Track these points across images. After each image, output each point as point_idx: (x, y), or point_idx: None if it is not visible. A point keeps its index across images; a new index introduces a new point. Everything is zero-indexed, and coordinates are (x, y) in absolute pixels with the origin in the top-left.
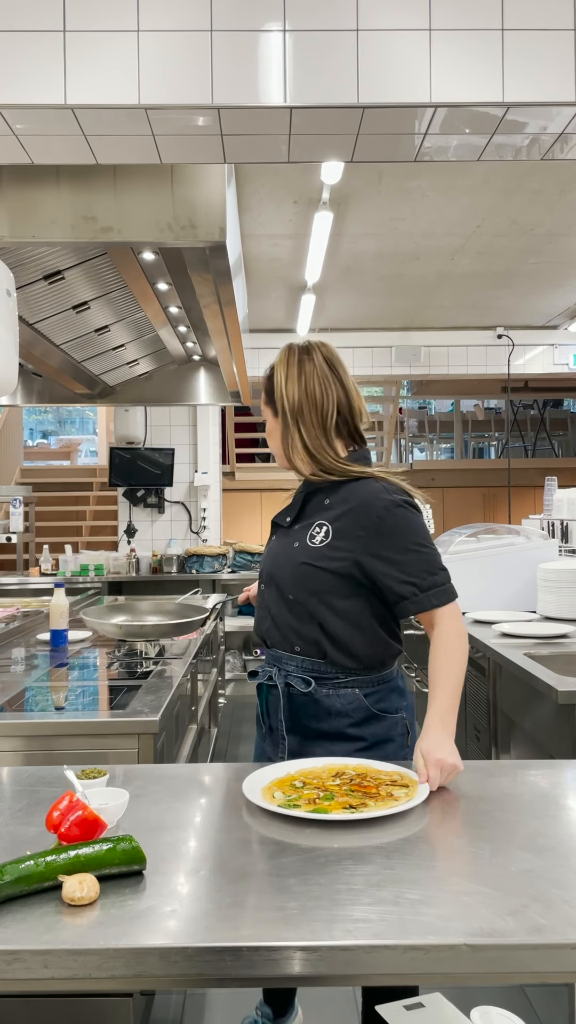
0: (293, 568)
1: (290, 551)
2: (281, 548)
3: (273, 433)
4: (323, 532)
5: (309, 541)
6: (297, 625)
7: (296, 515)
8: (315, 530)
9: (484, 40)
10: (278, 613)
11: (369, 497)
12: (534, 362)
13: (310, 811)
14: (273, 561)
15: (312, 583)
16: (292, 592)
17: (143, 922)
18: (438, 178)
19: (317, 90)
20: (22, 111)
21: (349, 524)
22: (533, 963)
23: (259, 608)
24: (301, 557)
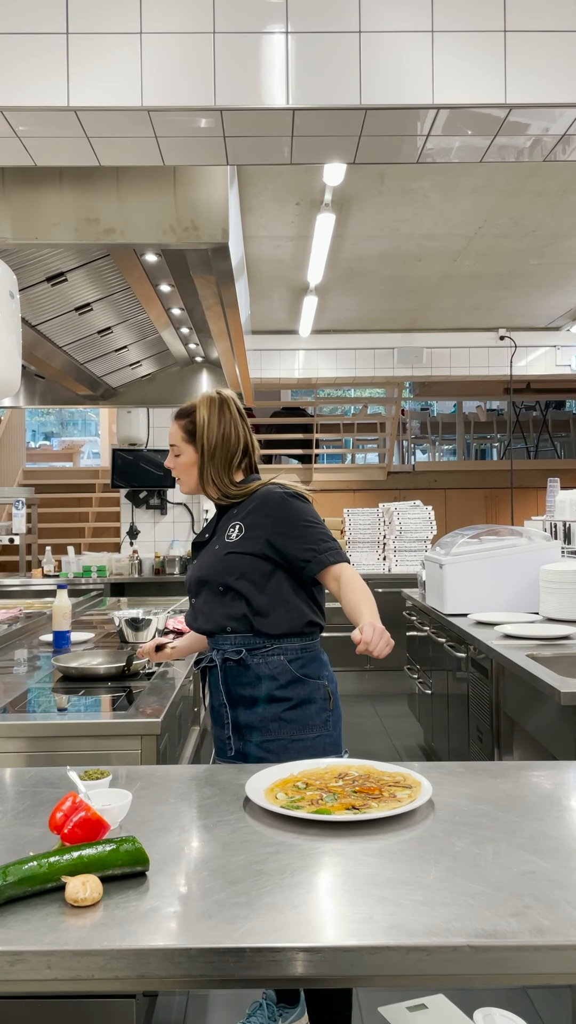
0: (218, 562)
1: (213, 553)
2: (205, 556)
3: (188, 466)
4: (236, 529)
5: (227, 539)
6: (227, 609)
7: (212, 532)
8: (230, 531)
9: (486, 42)
10: (210, 607)
11: (266, 495)
12: (536, 363)
13: (313, 812)
14: (199, 568)
15: (237, 567)
16: (221, 582)
17: (146, 923)
18: (440, 179)
19: (319, 92)
20: (25, 113)
21: (256, 518)
22: (536, 964)
23: (193, 615)
24: (224, 551)
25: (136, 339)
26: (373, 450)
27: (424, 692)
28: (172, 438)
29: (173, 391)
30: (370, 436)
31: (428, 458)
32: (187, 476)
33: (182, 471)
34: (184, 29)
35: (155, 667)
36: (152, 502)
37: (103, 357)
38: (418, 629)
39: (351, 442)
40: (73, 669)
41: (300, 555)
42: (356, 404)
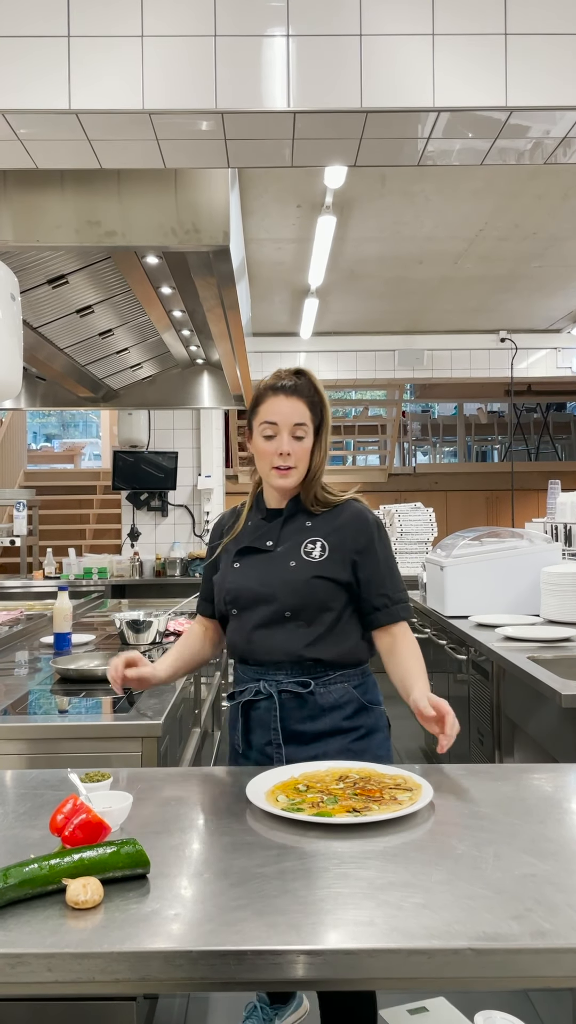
0: (298, 584)
1: (287, 569)
2: (270, 568)
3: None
4: (319, 547)
5: (306, 555)
6: (291, 638)
7: (276, 539)
8: (308, 547)
9: (487, 44)
10: (269, 631)
11: (359, 515)
12: (537, 365)
13: (314, 815)
14: (259, 581)
15: (320, 594)
16: (292, 607)
17: (147, 925)
18: (441, 182)
19: (320, 95)
20: (27, 116)
21: (343, 538)
22: (537, 967)
23: (238, 631)
24: (307, 572)
25: (137, 341)
26: (374, 452)
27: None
28: (294, 415)
29: (174, 393)
30: (371, 438)
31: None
32: (304, 464)
33: (303, 456)
34: (185, 32)
35: None
36: (153, 504)
37: (104, 359)
38: (419, 631)
39: (352, 444)
40: (73, 671)
41: (373, 600)
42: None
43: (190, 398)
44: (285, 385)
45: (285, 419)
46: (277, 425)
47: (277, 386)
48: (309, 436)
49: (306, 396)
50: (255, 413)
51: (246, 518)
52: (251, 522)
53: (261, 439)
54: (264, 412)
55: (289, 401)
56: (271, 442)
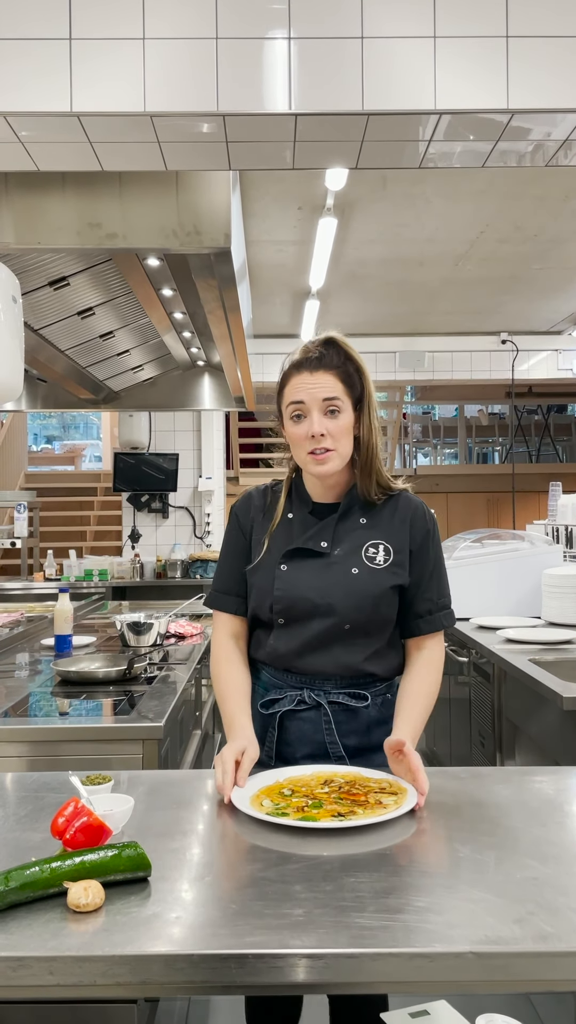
0: (363, 597)
1: (348, 578)
2: (327, 576)
3: (348, 430)
4: (382, 551)
5: (370, 563)
6: (351, 651)
7: (330, 540)
8: (370, 551)
9: (489, 47)
10: (323, 643)
11: (416, 509)
12: (538, 367)
13: (298, 819)
14: (318, 591)
15: (384, 607)
16: (354, 621)
17: (148, 929)
18: (442, 184)
19: (322, 97)
20: (28, 118)
21: (403, 537)
22: (539, 971)
23: (284, 642)
24: (372, 582)
25: (138, 343)
26: None
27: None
28: (322, 390)
29: (175, 395)
30: None
31: (430, 462)
32: (345, 445)
33: (341, 436)
34: (187, 34)
35: (156, 671)
36: (154, 506)
37: (105, 361)
38: None
39: None
40: (74, 673)
41: (417, 605)
42: None
43: (191, 400)
44: (310, 359)
45: (312, 396)
46: (304, 404)
47: (300, 361)
48: (347, 411)
49: (336, 367)
50: (281, 396)
51: (284, 509)
52: (293, 515)
53: (291, 423)
54: (289, 392)
55: (314, 376)
56: (301, 424)
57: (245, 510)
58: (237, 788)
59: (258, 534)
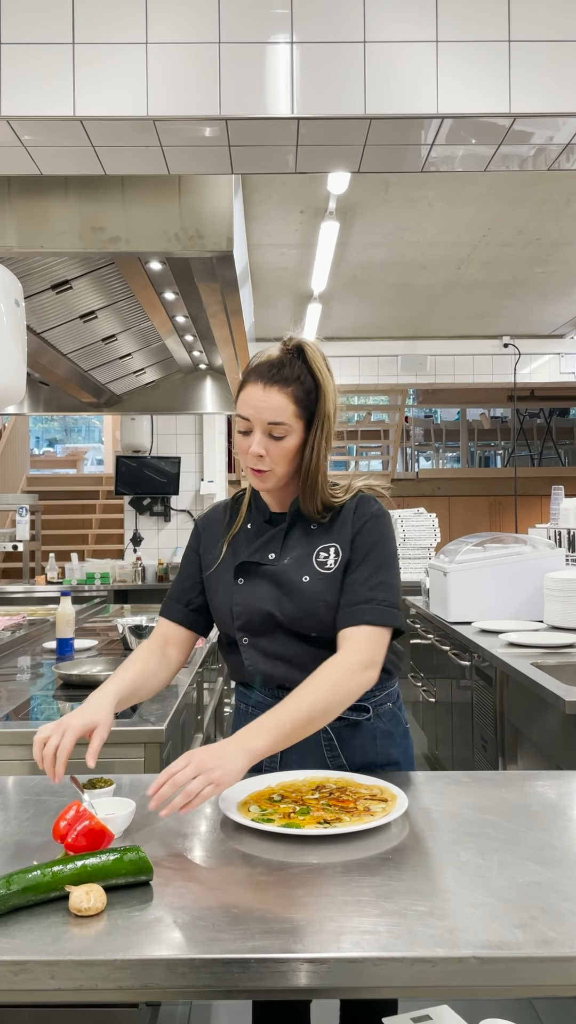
0: (315, 604)
1: (299, 587)
2: (280, 586)
3: (293, 454)
4: (333, 553)
5: (322, 568)
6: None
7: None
8: (321, 555)
9: (491, 51)
10: (296, 655)
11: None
12: (540, 371)
13: (282, 826)
14: (275, 603)
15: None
16: (318, 629)
17: (150, 933)
18: (445, 188)
19: (324, 101)
20: (31, 123)
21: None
22: (542, 976)
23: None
24: (322, 587)
25: (140, 346)
26: (377, 457)
27: (428, 700)
28: (268, 411)
29: (177, 398)
30: (374, 443)
31: (432, 465)
32: (285, 468)
33: (281, 461)
34: (189, 39)
35: None
36: (156, 509)
37: (107, 364)
38: (422, 637)
39: (355, 449)
40: (76, 676)
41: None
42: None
43: (193, 403)
44: (267, 371)
45: (257, 415)
46: (250, 421)
47: (256, 370)
48: (293, 435)
49: (293, 382)
50: (236, 401)
51: (245, 518)
52: (251, 525)
53: (237, 432)
54: (240, 402)
55: (266, 393)
56: (245, 439)
57: (204, 522)
58: (226, 792)
59: (212, 542)
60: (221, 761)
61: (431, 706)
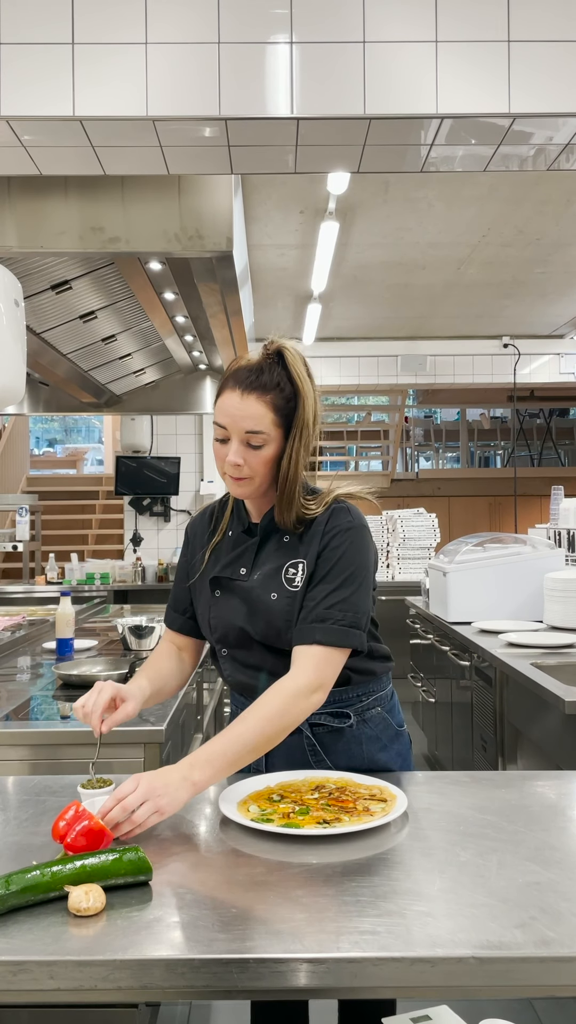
0: (281, 622)
1: (267, 605)
2: (250, 602)
3: (271, 462)
4: (300, 569)
5: (289, 585)
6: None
7: (251, 565)
8: (290, 571)
9: (490, 52)
10: (273, 668)
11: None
12: (540, 371)
13: (281, 826)
14: (246, 618)
15: None
16: (286, 643)
17: (149, 933)
18: (444, 188)
19: (324, 101)
20: (31, 123)
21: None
22: (541, 976)
23: (238, 670)
24: (289, 606)
25: (140, 347)
26: (377, 458)
27: (428, 700)
28: (245, 420)
29: (177, 398)
30: (374, 444)
31: (432, 466)
32: (264, 477)
33: (260, 468)
34: (189, 39)
35: None
36: (155, 509)
37: (107, 364)
38: (421, 637)
39: (355, 450)
40: (75, 677)
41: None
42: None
43: (193, 403)
44: (245, 377)
45: (234, 424)
46: (227, 429)
47: (234, 376)
48: (271, 444)
49: (271, 389)
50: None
51: (228, 525)
52: (232, 532)
53: (215, 439)
54: (217, 409)
55: (243, 401)
56: (223, 446)
57: (192, 528)
58: (227, 791)
59: (197, 552)
60: (168, 789)
61: (431, 706)
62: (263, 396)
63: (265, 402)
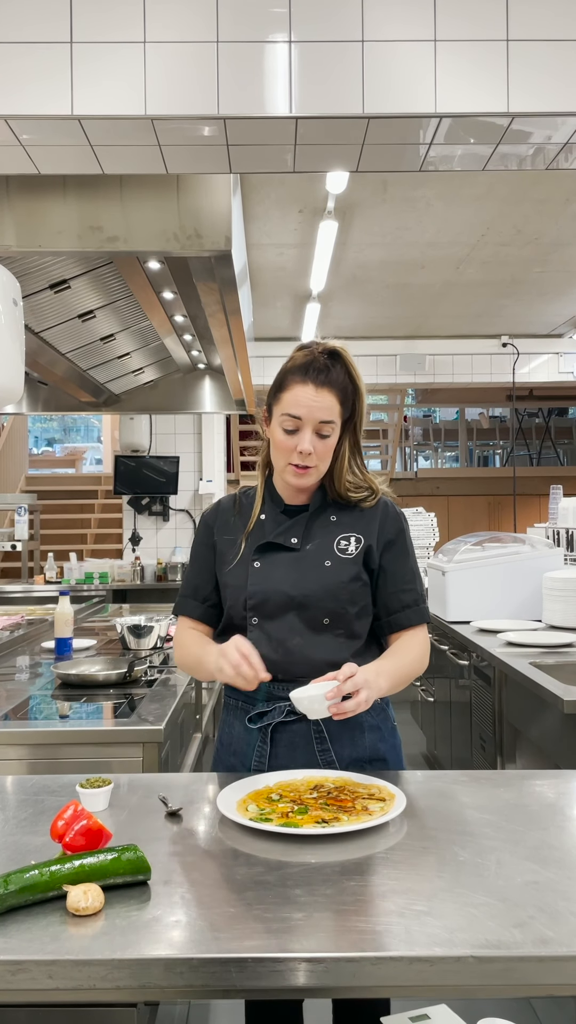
0: (337, 586)
1: (322, 570)
2: (300, 569)
3: (331, 451)
4: (353, 541)
5: (339, 551)
6: (335, 647)
7: (301, 535)
8: (342, 543)
9: (489, 51)
10: (306, 641)
11: (387, 507)
12: (539, 370)
13: (280, 825)
14: (292, 584)
15: (360, 597)
16: (332, 613)
17: (148, 932)
18: (443, 187)
19: (322, 100)
20: (29, 121)
21: (373, 530)
22: (540, 975)
23: (264, 643)
24: (345, 572)
25: (139, 346)
26: (376, 457)
27: (427, 700)
28: (321, 411)
29: (176, 398)
30: (373, 443)
31: (431, 465)
32: (327, 464)
33: (326, 455)
34: (187, 38)
35: (156, 674)
36: (154, 508)
37: (106, 364)
38: None
39: None
40: (74, 676)
41: (402, 596)
42: None
43: (192, 403)
44: (316, 372)
45: (311, 414)
46: (301, 420)
47: (306, 370)
48: (336, 432)
49: (338, 386)
50: (277, 399)
51: (259, 511)
52: (265, 516)
53: (280, 430)
54: (287, 402)
55: (319, 394)
56: (291, 437)
57: (213, 517)
58: (225, 791)
59: (228, 539)
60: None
61: (430, 705)
62: (333, 390)
63: (335, 395)
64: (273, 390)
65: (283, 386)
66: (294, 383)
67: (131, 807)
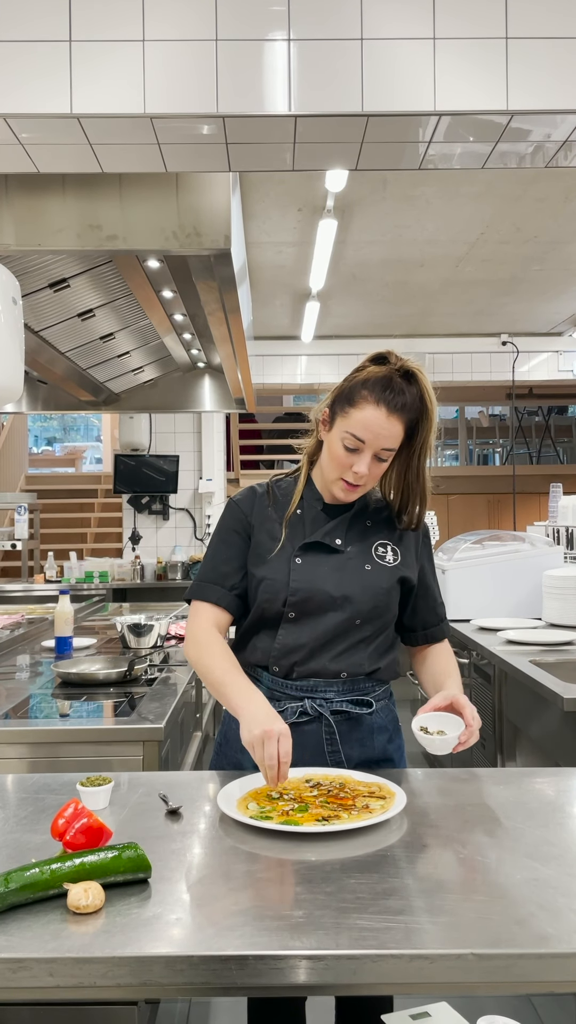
0: (377, 591)
1: (363, 573)
2: (344, 570)
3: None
4: (390, 551)
5: (379, 559)
6: (358, 649)
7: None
8: (379, 550)
9: (488, 49)
10: (335, 641)
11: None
12: (538, 369)
13: (280, 823)
14: (336, 584)
15: (393, 603)
16: (366, 615)
17: (148, 930)
18: (443, 186)
19: (322, 99)
20: (28, 120)
21: (410, 544)
22: (540, 972)
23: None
24: (384, 578)
25: (138, 345)
26: None
27: (427, 698)
28: (387, 439)
29: (175, 397)
30: None
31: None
32: (373, 483)
33: (376, 477)
34: (187, 36)
35: (157, 672)
36: (154, 507)
37: (105, 363)
38: None
39: None
40: (74, 675)
41: (438, 610)
42: None
43: (191, 401)
44: (392, 396)
45: (376, 441)
46: (364, 443)
47: (384, 392)
48: (392, 455)
49: (409, 412)
50: (345, 413)
51: (297, 504)
52: (303, 511)
53: (341, 445)
54: (356, 422)
55: (388, 420)
56: (350, 455)
57: (249, 503)
58: (225, 788)
59: (267, 530)
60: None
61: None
62: (403, 417)
63: (403, 423)
64: (342, 400)
65: (353, 401)
66: (366, 404)
67: (131, 805)
